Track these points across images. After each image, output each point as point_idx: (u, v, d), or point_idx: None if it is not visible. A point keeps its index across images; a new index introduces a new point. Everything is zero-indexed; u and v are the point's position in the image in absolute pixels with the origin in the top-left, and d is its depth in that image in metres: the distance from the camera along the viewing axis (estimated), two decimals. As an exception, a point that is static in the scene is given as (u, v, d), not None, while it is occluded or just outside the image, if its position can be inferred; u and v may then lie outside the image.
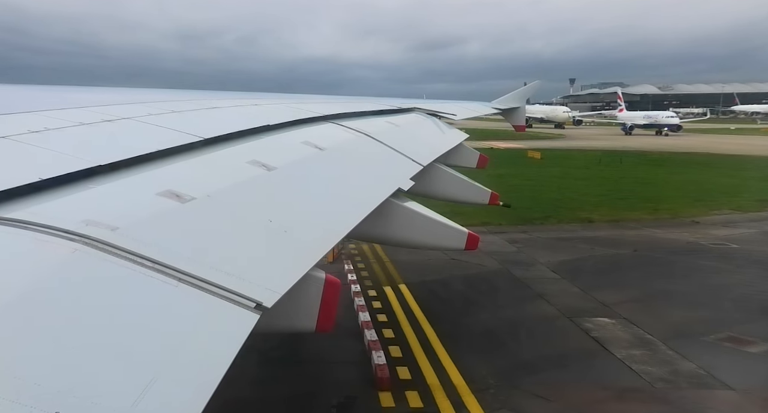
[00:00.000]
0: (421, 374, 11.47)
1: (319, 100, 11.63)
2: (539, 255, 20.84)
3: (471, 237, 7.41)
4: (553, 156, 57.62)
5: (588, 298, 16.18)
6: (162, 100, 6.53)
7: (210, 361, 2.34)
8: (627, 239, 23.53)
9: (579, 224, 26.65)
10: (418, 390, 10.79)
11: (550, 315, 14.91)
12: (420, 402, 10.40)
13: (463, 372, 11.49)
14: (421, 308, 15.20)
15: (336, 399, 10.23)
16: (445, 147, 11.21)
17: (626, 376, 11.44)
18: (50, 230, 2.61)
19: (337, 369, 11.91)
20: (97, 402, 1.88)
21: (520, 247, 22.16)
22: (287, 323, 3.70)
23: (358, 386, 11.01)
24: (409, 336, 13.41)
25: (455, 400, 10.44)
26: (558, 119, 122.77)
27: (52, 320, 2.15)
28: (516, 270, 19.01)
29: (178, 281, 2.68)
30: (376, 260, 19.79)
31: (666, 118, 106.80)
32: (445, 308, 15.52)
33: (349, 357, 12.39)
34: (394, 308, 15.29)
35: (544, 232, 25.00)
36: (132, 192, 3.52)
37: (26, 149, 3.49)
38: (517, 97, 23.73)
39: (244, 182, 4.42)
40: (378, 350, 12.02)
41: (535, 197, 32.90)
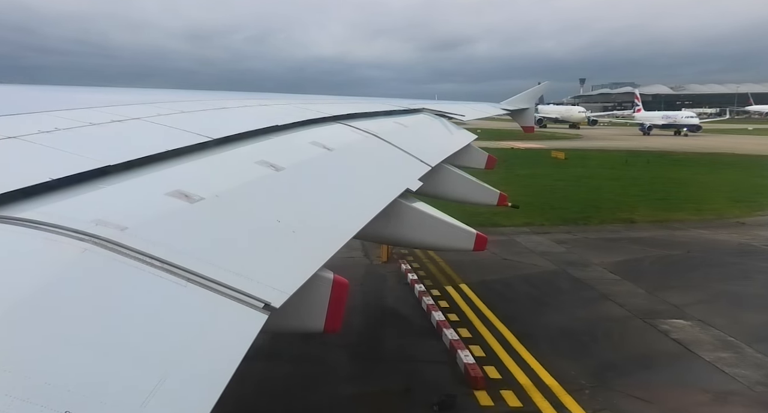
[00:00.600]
0: (509, 373, 11.64)
1: (327, 101, 11.64)
2: (591, 256, 20.87)
3: (479, 238, 7.38)
4: (576, 156, 57.41)
5: (656, 299, 16.17)
6: (171, 101, 6.56)
7: (219, 361, 2.34)
8: (677, 241, 23.49)
9: (622, 224, 26.67)
10: (512, 389, 10.95)
11: (623, 316, 14.95)
12: (518, 402, 10.55)
13: (552, 372, 11.60)
14: (490, 308, 15.36)
15: (437, 397, 10.40)
16: (454, 148, 11.18)
17: (721, 379, 11.38)
18: (60, 229, 2.62)
19: (423, 368, 12.12)
20: (107, 402, 1.88)
21: (569, 247, 22.20)
22: (295, 323, 3.70)
23: (450, 384, 11.20)
24: (486, 335, 13.57)
25: (553, 400, 10.54)
26: (573, 119, 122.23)
27: (62, 319, 2.15)
28: (573, 271, 19.04)
29: (187, 281, 2.68)
30: (429, 260, 19.94)
31: (685, 118, 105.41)
32: (515, 308, 15.60)
33: (432, 355, 12.65)
34: (462, 308, 15.45)
35: (588, 232, 25.05)
36: (141, 192, 3.53)
37: (37, 149, 3.51)
38: (526, 98, 23.66)
39: (253, 182, 4.43)
40: (463, 349, 12.27)
41: (570, 198, 33.09)
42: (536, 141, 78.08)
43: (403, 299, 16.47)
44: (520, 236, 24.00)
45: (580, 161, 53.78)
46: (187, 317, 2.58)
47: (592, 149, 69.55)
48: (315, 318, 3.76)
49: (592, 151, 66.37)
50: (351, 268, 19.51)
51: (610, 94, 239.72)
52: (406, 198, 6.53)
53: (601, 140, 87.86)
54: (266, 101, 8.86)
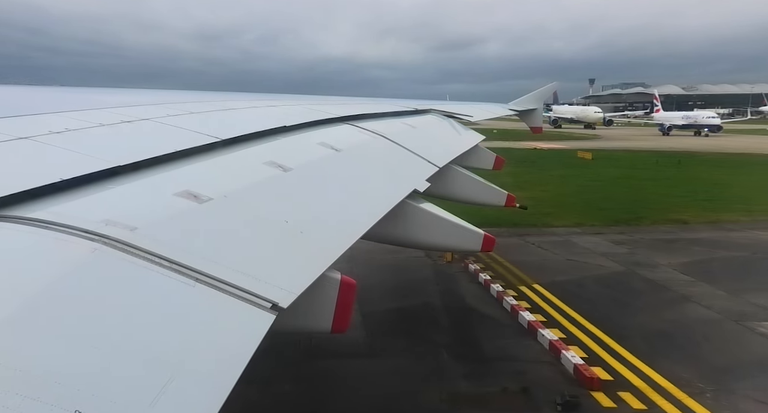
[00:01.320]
0: (619, 375, 11.60)
1: (335, 102, 11.66)
2: (656, 257, 20.73)
3: (487, 239, 7.36)
4: (603, 157, 56.86)
5: (741, 301, 16.02)
6: (180, 102, 6.60)
7: (227, 361, 2.35)
8: (736, 242, 23.29)
9: (674, 225, 26.48)
10: (629, 391, 10.92)
11: (713, 319, 14.83)
12: (640, 404, 10.51)
13: (664, 374, 11.54)
14: (574, 308, 15.31)
15: (559, 397, 10.44)
16: (462, 149, 11.17)
17: None
18: (70, 229, 2.64)
19: (529, 368, 12.16)
20: (116, 401, 1.90)
21: (629, 248, 22.07)
22: (303, 323, 3.71)
23: (561, 384, 11.22)
24: (580, 336, 13.57)
25: (677, 404, 10.50)
26: (589, 119, 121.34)
27: (71, 319, 2.17)
28: (643, 272, 18.92)
29: (195, 281, 2.69)
30: (492, 260, 19.96)
31: (706, 118, 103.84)
32: (599, 309, 15.51)
33: (533, 355, 12.72)
34: (545, 308, 15.44)
35: (642, 233, 24.85)
36: (150, 193, 3.55)
37: (47, 149, 3.54)
38: (534, 99, 23.60)
39: (261, 182, 4.44)
40: (566, 349, 12.30)
41: (612, 198, 32.94)
42: (557, 142, 77.83)
43: (482, 299, 16.52)
44: (575, 236, 23.93)
45: (608, 162, 53.34)
46: (195, 317, 2.60)
47: (616, 149, 68.75)
48: (322, 318, 3.76)
49: (617, 151, 65.68)
50: (419, 268, 19.68)
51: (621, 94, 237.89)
52: (413, 199, 6.53)
53: (621, 140, 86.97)
54: (274, 102, 8.89)
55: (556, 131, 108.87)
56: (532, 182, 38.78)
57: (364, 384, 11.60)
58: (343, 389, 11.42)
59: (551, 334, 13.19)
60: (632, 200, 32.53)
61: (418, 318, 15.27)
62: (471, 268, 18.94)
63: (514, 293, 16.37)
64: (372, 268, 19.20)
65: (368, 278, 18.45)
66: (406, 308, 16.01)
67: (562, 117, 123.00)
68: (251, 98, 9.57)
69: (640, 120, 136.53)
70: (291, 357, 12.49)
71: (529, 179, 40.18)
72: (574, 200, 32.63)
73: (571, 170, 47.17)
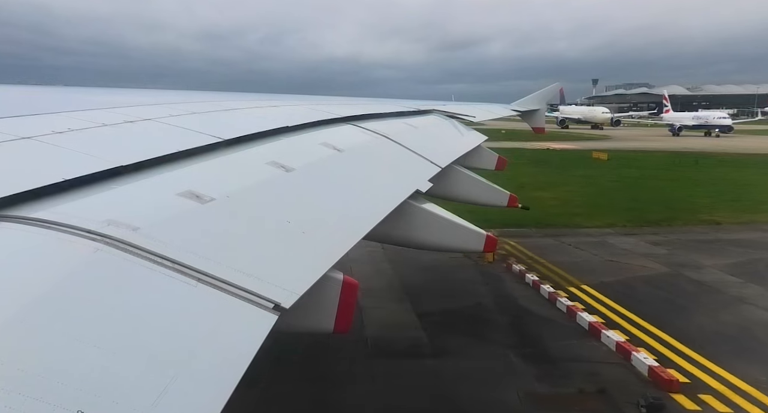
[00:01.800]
0: (695, 377, 11.59)
1: (338, 102, 11.67)
2: (699, 258, 20.67)
3: (489, 239, 7.35)
4: (618, 157, 56.68)
5: None
6: (183, 102, 6.61)
7: (229, 361, 2.35)
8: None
9: (708, 226, 26.41)
10: (709, 393, 10.91)
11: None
12: (725, 407, 10.47)
13: (741, 376, 11.49)
14: (630, 310, 15.30)
15: (643, 399, 10.45)
16: (464, 149, 11.17)
17: None
18: (73, 229, 2.65)
19: (600, 369, 12.17)
20: (119, 401, 1.90)
21: (668, 249, 22.06)
22: (305, 323, 3.70)
23: (639, 386, 11.22)
24: (644, 338, 13.54)
25: (763, 407, 10.45)
26: (596, 119, 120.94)
27: (74, 319, 2.17)
28: (689, 273, 18.89)
29: (198, 282, 2.69)
30: (533, 261, 20.06)
31: (717, 119, 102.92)
32: (655, 310, 15.48)
33: (601, 356, 12.75)
34: (601, 309, 15.44)
35: (677, 234, 24.78)
36: (153, 193, 3.55)
37: (50, 149, 3.54)
38: (537, 100, 23.59)
39: (263, 183, 4.45)
40: (636, 351, 12.31)
41: (638, 198, 32.91)
42: (567, 142, 77.75)
43: (533, 300, 16.59)
44: (609, 237, 23.93)
45: (624, 162, 53.25)
46: (197, 317, 2.60)
47: (629, 149, 68.38)
48: (325, 318, 3.76)
49: (631, 152, 65.35)
50: (463, 269, 19.75)
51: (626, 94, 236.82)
52: (416, 199, 6.53)
53: (631, 140, 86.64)
54: (277, 102, 8.90)
55: (563, 131, 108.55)
56: (554, 182, 39.04)
57: (437, 384, 11.65)
58: (419, 389, 11.45)
59: (616, 335, 13.16)
60: (658, 200, 32.50)
61: (475, 318, 15.34)
62: (515, 269, 18.99)
63: (564, 295, 16.39)
64: (416, 268, 19.40)
65: (414, 278, 18.64)
66: (461, 308, 16.08)
67: (569, 117, 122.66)
68: (254, 99, 9.58)
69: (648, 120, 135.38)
70: (354, 357, 12.64)
71: (551, 179, 40.47)
72: (600, 200, 32.66)
73: (589, 170, 47.20)
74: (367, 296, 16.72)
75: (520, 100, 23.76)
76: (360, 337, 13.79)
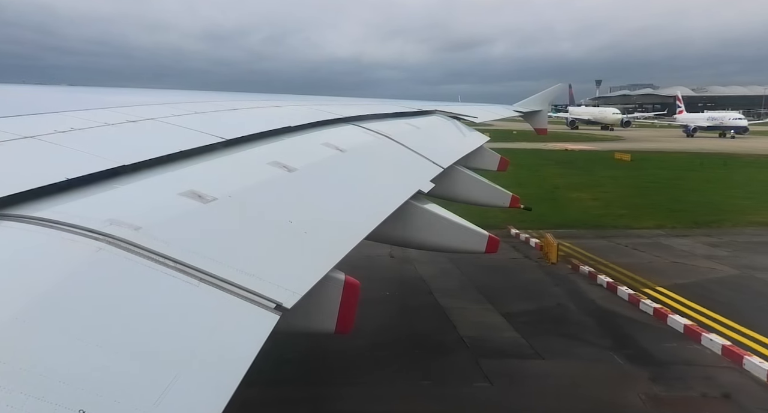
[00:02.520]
0: None
1: (340, 102, 11.67)
2: (764, 260, 20.51)
3: (491, 240, 7.34)
4: (641, 158, 56.48)
5: None
6: (185, 102, 6.60)
7: (231, 361, 2.35)
8: None
9: (759, 227, 26.30)
10: None
11: None
12: None
13: None
14: (719, 313, 15.16)
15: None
16: (466, 149, 11.16)
17: None
18: (75, 229, 2.65)
19: (715, 373, 12.08)
20: (120, 401, 1.90)
21: (730, 251, 21.96)
22: (307, 324, 3.70)
23: (763, 390, 11.15)
24: (747, 342, 13.39)
25: None
26: (607, 120, 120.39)
27: (75, 318, 2.17)
28: (762, 275, 18.76)
29: (200, 281, 2.69)
30: (595, 263, 20.07)
31: (733, 120, 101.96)
32: (746, 312, 15.32)
33: (709, 360, 12.70)
34: (685, 312, 15.33)
35: (731, 235, 24.69)
36: (155, 192, 3.55)
37: (53, 148, 3.54)
38: (539, 101, 23.56)
39: (265, 182, 4.44)
40: (748, 355, 12.24)
41: (678, 199, 32.93)
42: (583, 143, 77.87)
43: (613, 301, 16.60)
44: (662, 238, 23.91)
45: (649, 163, 53.11)
46: (199, 317, 2.59)
47: (648, 150, 67.82)
48: (326, 319, 3.76)
49: (651, 153, 64.93)
50: (527, 269, 19.89)
51: (630, 95, 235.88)
52: (418, 200, 6.52)
53: (646, 141, 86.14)
54: (279, 102, 8.90)
55: (574, 132, 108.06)
56: (587, 183, 39.32)
57: (559, 385, 11.68)
58: (543, 391, 11.49)
59: (719, 338, 13.07)
60: (700, 202, 32.46)
61: (561, 319, 15.38)
62: (583, 270, 19.02)
63: (643, 297, 16.35)
64: (480, 269, 19.53)
65: (482, 278, 18.74)
66: (543, 309, 16.13)
67: (579, 118, 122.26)
68: (256, 99, 9.58)
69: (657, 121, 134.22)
70: (460, 357, 12.76)
71: (582, 181, 40.73)
72: (639, 201, 32.66)
73: (617, 171, 47.22)
74: (445, 296, 17.01)
75: (522, 101, 23.74)
76: (456, 337, 13.97)
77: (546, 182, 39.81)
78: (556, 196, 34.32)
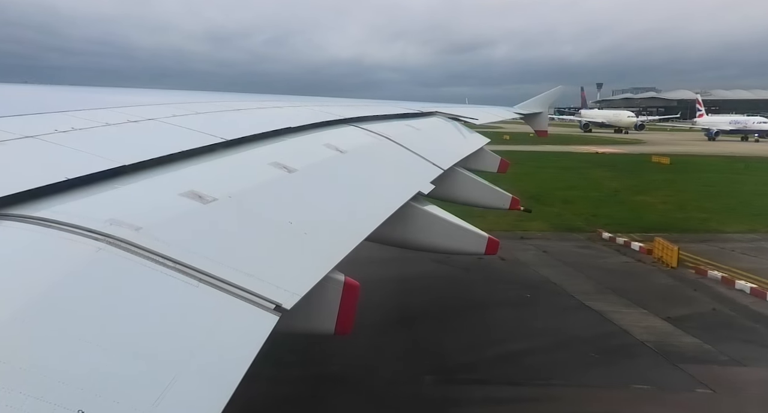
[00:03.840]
0: None
1: (341, 104, 11.67)
2: None
3: (491, 242, 7.34)
4: (679, 162, 56.13)
5: None
6: (186, 102, 6.61)
7: (230, 362, 2.35)
8: None
9: None
10: None
11: None
12: None
13: None
14: None
15: None
16: (466, 151, 11.15)
17: None
18: (75, 229, 2.65)
19: None
20: (119, 401, 1.90)
21: None
22: (306, 325, 3.70)
23: None
24: None
25: None
26: (621, 123, 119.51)
27: (75, 318, 2.17)
28: None
29: (199, 282, 2.69)
30: (714, 268, 19.96)
31: (757, 123, 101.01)
32: None
33: None
34: None
35: None
36: (155, 192, 3.55)
37: (53, 148, 3.55)
38: (540, 103, 23.55)
39: (266, 183, 4.44)
40: None
41: (749, 203, 32.84)
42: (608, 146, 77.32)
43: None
44: (764, 243, 23.78)
45: (690, 166, 52.77)
46: (198, 317, 2.59)
47: (678, 153, 66.54)
48: (326, 320, 3.75)
49: (684, 156, 63.98)
50: (650, 274, 19.83)
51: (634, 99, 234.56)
52: (418, 201, 6.52)
53: (670, 144, 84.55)
54: (280, 103, 8.90)
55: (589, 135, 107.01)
56: (642, 186, 39.28)
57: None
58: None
59: None
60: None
61: (730, 325, 15.29)
62: (713, 275, 18.93)
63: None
64: (597, 270, 19.71)
65: (607, 281, 18.76)
66: (700, 314, 16.08)
67: (592, 121, 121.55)
68: (257, 99, 9.59)
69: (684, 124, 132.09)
70: (658, 361, 12.77)
71: (636, 183, 40.69)
72: (711, 205, 32.54)
73: (664, 174, 47.01)
74: (589, 299, 17.08)
75: (522, 103, 23.73)
76: (634, 341, 14.04)
77: (601, 185, 40.09)
78: (621, 199, 34.47)
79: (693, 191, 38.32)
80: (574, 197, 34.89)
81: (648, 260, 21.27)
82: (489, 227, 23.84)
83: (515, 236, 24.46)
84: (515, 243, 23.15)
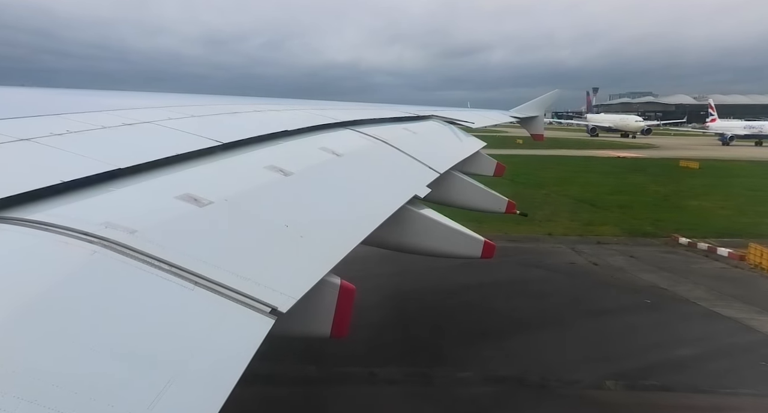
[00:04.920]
0: None
1: (337, 107, 11.67)
2: None
3: (487, 246, 7.34)
4: (708, 166, 56.02)
5: None
6: (183, 105, 6.61)
7: (225, 365, 2.34)
8: None
9: None
10: None
11: None
12: None
13: None
14: None
15: None
16: (462, 155, 11.16)
17: None
18: (70, 232, 2.64)
19: None
20: (114, 405, 1.89)
21: None
22: (302, 328, 3.69)
23: None
24: None
25: None
26: (629, 128, 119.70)
27: (69, 321, 2.16)
28: None
29: (195, 285, 2.69)
30: None
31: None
32: None
33: None
34: None
35: None
36: (151, 196, 3.54)
37: (49, 151, 3.54)
38: (536, 106, 23.59)
39: (262, 186, 4.44)
40: None
41: None
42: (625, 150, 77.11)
43: None
44: None
45: (721, 171, 52.66)
46: (194, 320, 2.59)
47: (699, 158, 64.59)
48: (322, 323, 3.75)
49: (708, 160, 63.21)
50: (758, 280, 19.71)
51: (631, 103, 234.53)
52: (414, 204, 6.52)
53: (683, 149, 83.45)
54: (276, 106, 8.90)
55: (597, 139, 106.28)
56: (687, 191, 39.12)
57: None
58: None
59: None
60: None
61: None
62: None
63: None
64: (703, 276, 19.64)
65: (722, 287, 18.72)
66: None
67: (599, 126, 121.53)
68: (253, 102, 9.59)
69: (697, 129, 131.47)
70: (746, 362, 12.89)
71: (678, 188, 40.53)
72: (765, 209, 32.44)
73: (700, 179, 46.87)
74: (714, 305, 16.92)
75: (519, 107, 23.76)
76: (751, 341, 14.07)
77: (646, 190, 40.03)
78: (675, 204, 34.33)
79: (741, 195, 38.14)
80: (628, 202, 34.72)
81: (744, 266, 21.26)
82: (562, 232, 23.24)
83: (591, 241, 24.36)
84: (596, 248, 23.15)
